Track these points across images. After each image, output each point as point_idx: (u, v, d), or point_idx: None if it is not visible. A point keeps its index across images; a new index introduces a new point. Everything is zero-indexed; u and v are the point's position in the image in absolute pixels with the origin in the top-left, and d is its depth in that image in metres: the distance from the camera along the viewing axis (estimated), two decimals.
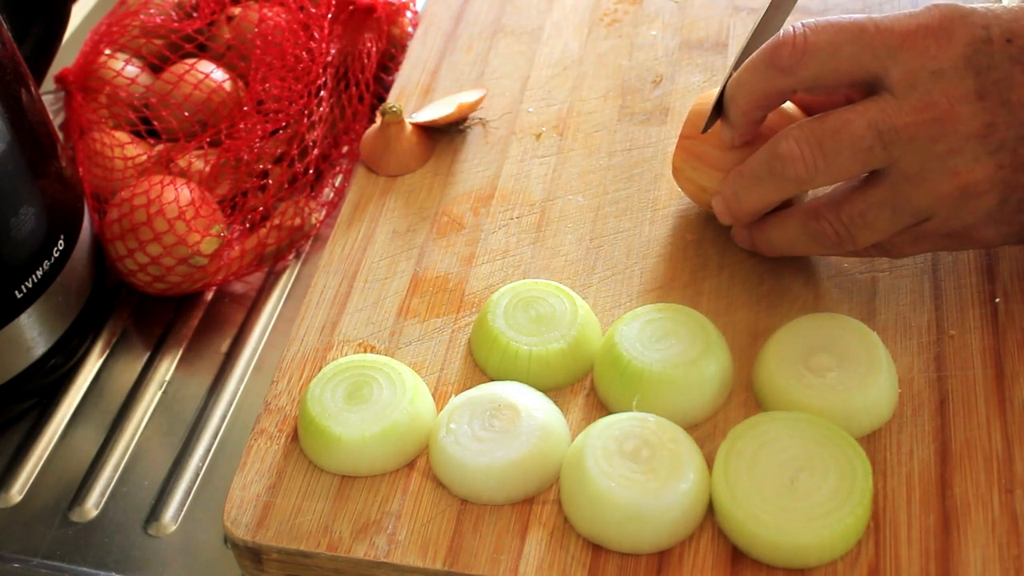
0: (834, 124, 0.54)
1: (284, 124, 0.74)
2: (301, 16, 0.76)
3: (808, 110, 0.61)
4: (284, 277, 0.73)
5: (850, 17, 0.54)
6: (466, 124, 0.75)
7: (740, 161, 0.59)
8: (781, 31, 0.55)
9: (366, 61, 0.78)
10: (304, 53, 0.75)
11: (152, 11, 0.80)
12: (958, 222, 0.55)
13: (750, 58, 0.57)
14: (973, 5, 0.53)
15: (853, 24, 0.54)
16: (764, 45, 0.56)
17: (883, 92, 0.53)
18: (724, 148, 0.61)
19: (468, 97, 0.75)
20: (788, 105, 0.61)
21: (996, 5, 0.54)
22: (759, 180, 0.58)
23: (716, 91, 0.61)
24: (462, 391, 0.59)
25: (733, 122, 0.59)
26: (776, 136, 0.56)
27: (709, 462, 0.54)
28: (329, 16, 0.76)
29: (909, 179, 0.54)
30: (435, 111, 0.74)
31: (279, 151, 0.74)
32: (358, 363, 0.59)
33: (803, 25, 0.55)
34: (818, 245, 0.58)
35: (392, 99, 0.78)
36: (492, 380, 0.60)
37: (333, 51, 0.77)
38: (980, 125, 0.52)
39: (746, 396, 0.58)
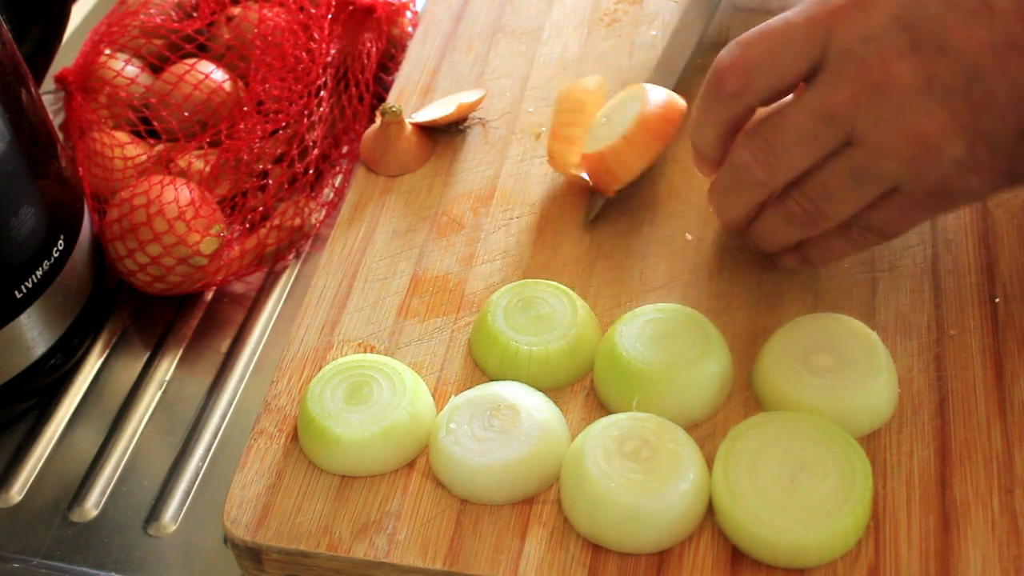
0: (776, 122, 0.54)
1: (284, 124, 0.74)
2: (301, 16, 0.76)
3: None
4: (284, 277, 0.73)
5: (779, 18, 0.54)
6: (466, 124, 0.75)
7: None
8: (716, 59, 0.55)
9: (366, 61, 0.78)
10: (304, 53, 0.75)
11: (152, 11, 0.80)
12: (931, 178, 0.53)
13: (700, 95, 0.57)
14: None
15: (781, 24, 0.54)
16: (707, 77, 0.56)
17: (819, 73, 0.53)
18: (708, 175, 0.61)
19: (468, 97, 0.75)
20: None
21: None
22: (728, 191, 0.58)
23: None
24: (462, 391, 0.59)
25: (707, 155, 0.59)
26: (732, 147, 0.56)
27: (709, 462, 0.54)
28: (329, 16, 0.76)
29: (864, 145, 0.53)
30: (435, 111, 0.74)
31: (279, 151, 0.74)
32: (358, 363, 0.59)
33: (736, 44, 0.55)
34: (795, 227, 0.58)
35: (392, 99, 0.78)
36: (492, 380, 0.60)
37: (333, 51, 0.77)
38: (920, 77, 0.51)
39: (746, 396, 0.58)
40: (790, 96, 0.55)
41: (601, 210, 0.67)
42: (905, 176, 0.53)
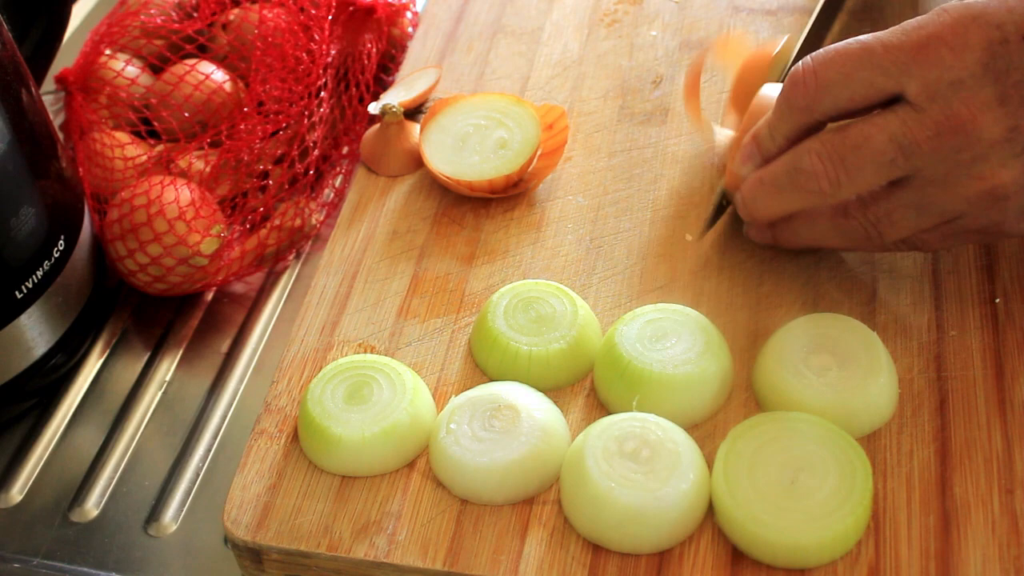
0: (855, 139, 0.54)
1: (284, 125, 0.74)
2: (301, 17, 0.76)
3: None
4: (284, 277, 0.73)
5: (856, 40, 0.54)
6: (425, 106, 0.76)
7: None
8: (792, 70, 0.55)
9: (366, 62, 0.78)
10: (304, 54, 0.75)
11: (152, 11, 0.80)
12: (987, 220, 0.55)
13: (776, 103, 0.57)
14: None
15: (860, 48, 0.53)
16: (782, 87, 0.56)
17: (903, 103, 0.53)
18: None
19: (424, 81, 0.76)
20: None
21: None
22: (780, 189, 0.58)
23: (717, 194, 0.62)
24: (462, 391, 0.59)
25: (768, 157, 0.59)
26: (798, 149, 0.56)
27: (709, 462, 0.54)
28: (329, 17, 0.76)
29: (935, 183, 0.54)
30: (393, 96, 0.75)
31: (279, 152, 0.74)
32: (358, 363, 0.59)
33: (812, 59, 0.55)
34: (847, 241, 0.59)
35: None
36: (492, 380, 0.60)
37: (333, 52, 0.77)
38: (1003, 130, 0.52)
39: (746, 396, 0.58)
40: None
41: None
42: (964, 213, 0.55)
